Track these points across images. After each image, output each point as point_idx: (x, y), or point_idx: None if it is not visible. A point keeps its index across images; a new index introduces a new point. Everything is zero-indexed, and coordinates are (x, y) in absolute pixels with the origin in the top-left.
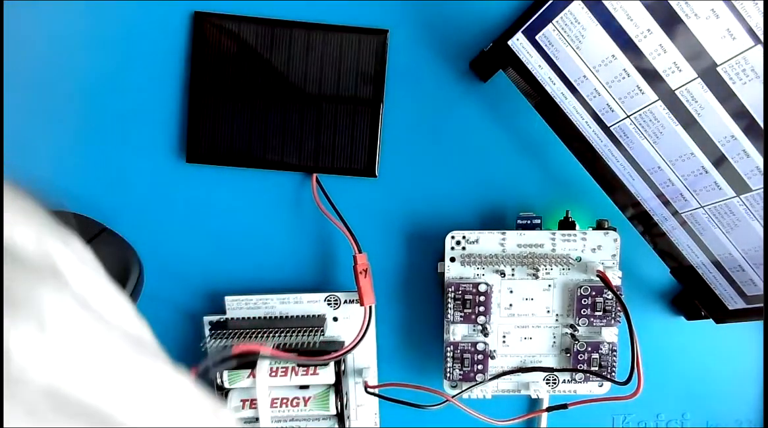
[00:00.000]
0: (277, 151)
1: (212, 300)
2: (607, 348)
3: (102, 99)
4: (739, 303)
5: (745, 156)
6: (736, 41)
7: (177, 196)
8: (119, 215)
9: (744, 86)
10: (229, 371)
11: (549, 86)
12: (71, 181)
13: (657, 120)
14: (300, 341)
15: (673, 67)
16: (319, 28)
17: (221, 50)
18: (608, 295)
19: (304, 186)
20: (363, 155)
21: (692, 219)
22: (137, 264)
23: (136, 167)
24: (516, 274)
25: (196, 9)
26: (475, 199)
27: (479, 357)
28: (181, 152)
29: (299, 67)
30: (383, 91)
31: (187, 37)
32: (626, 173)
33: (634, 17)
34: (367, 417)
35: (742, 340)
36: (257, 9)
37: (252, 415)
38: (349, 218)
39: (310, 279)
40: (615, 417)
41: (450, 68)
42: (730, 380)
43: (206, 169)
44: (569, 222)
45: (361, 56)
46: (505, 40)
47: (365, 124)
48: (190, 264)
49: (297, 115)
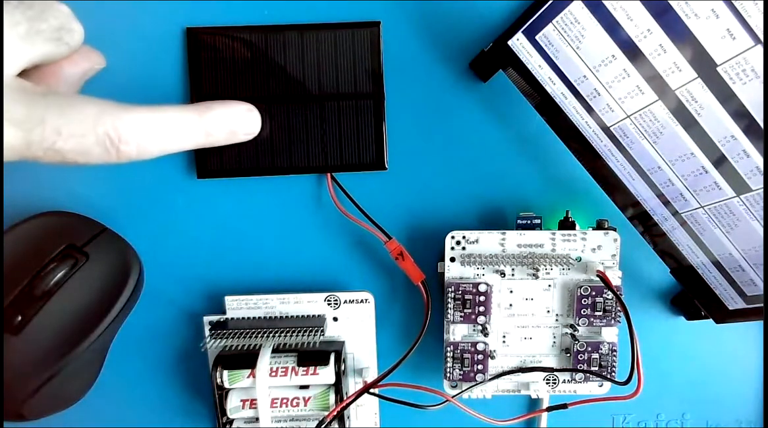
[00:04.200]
0: (285, 155)
1: (212, 300)
2: (607, 348)
3: None
4: (739, 303)
5: (745, 156)
6: (736, 41)
7: (178, 198)
8: (119, 215)
9: (744, 86)
10: (229, 371)
11: (549, 86)
12: (71, 181)
13: (657, 120)
14: (300, 341)
15: (673, 67)
16: (311, 28)
17: (217, 63)
18: (608, 295)
19: (305, 187)
20: (371, 148)
21: (692, 220)
22: (137, 264)
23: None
24: (516, 274)
25: (188, 25)
26: (475, 199)
27: (479, 357)
28: (190, 166)
29: (297, 69)
30: (383, 82)
31: (182, 53)
32: (626, 173)
33: (634, 17)
34: (367, 417)
35: (742, 340)
36: (248, 17)
37: (252, 415)
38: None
39: (310, 279)
40: (615, 417)
41: (450, 68)
42: (730, 380)
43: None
44: (569, 222)
45: (357, 50)
46: (505, 40)
47: (369, 117)
48: (190, 264)
49: (300, 117)
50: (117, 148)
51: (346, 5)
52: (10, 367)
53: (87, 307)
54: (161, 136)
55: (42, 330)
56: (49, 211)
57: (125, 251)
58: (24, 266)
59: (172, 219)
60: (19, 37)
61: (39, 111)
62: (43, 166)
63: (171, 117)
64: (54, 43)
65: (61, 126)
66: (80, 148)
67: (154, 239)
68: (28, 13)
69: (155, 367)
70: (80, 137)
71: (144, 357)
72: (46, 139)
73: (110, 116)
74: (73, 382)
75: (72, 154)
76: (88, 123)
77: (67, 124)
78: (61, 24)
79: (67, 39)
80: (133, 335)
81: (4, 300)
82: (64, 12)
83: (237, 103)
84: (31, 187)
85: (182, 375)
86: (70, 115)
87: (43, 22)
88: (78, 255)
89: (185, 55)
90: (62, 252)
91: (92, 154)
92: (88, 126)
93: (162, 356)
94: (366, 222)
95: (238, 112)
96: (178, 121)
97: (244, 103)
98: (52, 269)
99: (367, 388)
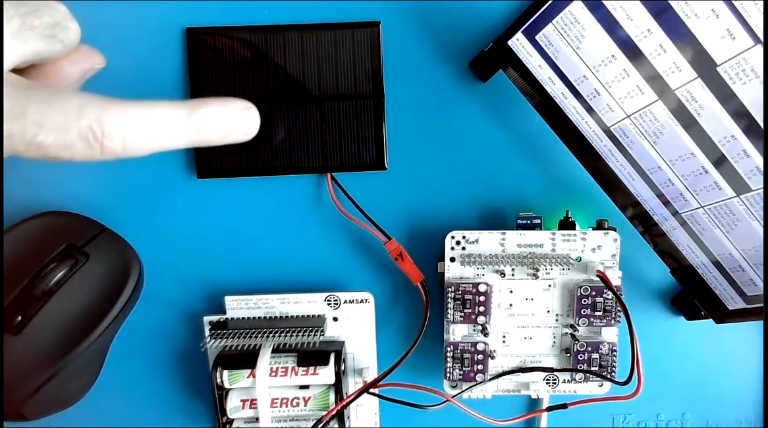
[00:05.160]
0: (285, 155)
1: (212, 300)
2: (607, 348)
3: None
4: (739, 303)
5: (745, 156)
6: (736, 41)
7: (178, 198)
8: (119, 215)
9: (744, 86)
10: (229, 371)
11: (549, 86)
12: (71, 181)
13: (657, 120)
14: (300, 341)
15: (673, 67)
16: (311, 28)
17: (217, 63)
18: (608, 295)
19: (305, 187)
20: (371, 149)
21: (692, 219)
22: (137, 264)
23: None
24: (516, 274)
25: (188, 25)
26: (475, 199)
27: (479, 357)
28: (190, 166)
29: (297, 69)
30: (383, 82)
31: (182, 53)
32: (626, 173)
33: (634, 17)
34: (367, 417)
35: (742, 340)
36: (248, 17)
37: (252, 415)
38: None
39: (310, 279)
40: (615, 417)
41: (450, 68)
42: (730, 380)
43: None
44: (569, 222)
45: (357, 51)
46: (505, 40)
47: (369, 117)
48: (190, 264)
49: (300, 117)
50: (101, 143)
51: (346, 5)
52: (10, 367)
53: (87, 307)
54: (148, 132)
55: (42, 330)
56: (49, 210)
57: (125, 251)
58: (24, 266)
59: (172, 219)
60: (11, 33)
61: (21, 103)
62: (43, 166)
63: (159, 112)
64: (47, 40)
65: (42, 119)
66: (62, 142)
67: (154, 239)
68: (21, 10)
69: (155, 367)
70: (62, 131)
71: (144, 357)
72: (27, 132)
73: (94, 109)
74: (73, 382)
75: (54, 148)
76: (71, 116)
77: (49, 117)
78: (56, 21)
79: (62, 36)
80: (133, 335)
81: (4, 300)
82: (59, 10)
83: (232, 99)
84: (31, 187)
85: (182, 375)
86: (52, 107)
87: (36, 18)
88: (78, 255)
89: (185, 55)
90: (62, 252)
91: (75, 149)
92: (70, 119)
93: (162, 356)
94: (366, 222)
95: (233, 109)
96: (166, 117)
97: (240, 100)
98: (52, 269)
99: (367, 388)
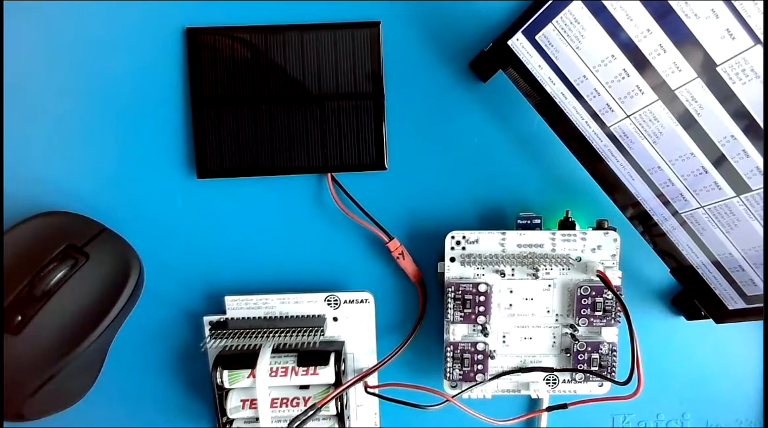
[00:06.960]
0: (285, 155)
1: (212, 300)
2: (607, 348)
3: (103, 108)
4: (739, 303)
5: (745, 156)
6: (736, 41)
7: (177, 199)
8: (119, 215)
9: (744, 86)
10: (229, 371)
11: (549, 86)
12: (71, 181)
13: (657, 120)
14: (300, 341)
15: (673, 67)
16: (311, 28)
17: (217, 63)
18: (608, 295)
19: (305, 187)
20: (371, 149)
21: (692, 219)
22: (137, 264)
23: (138, 172)
24: (516, 274)
25: (188, 25)
26: (475, 199)
27: (479, 357)
28: (189, 166)
29: (297, 69)
30: (383, 82)
31: (182, 53)
32: (626, 173)
33: (634, 17)
34: (367, 417)
35: (742, 340)
36: (248, 17)
37: (252, 415)
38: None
39: (310, 279)
40: (615, 417)
41: (450, 68)
42: (730, 380)
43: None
44: (569, 222)
45: (357, 50)
46: (505, 40)
47: (369, 117)
48: (190, 264)
49: (300, 117)
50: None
51: (346, 5)
52: (10, 367)
53: (87, 307)
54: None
55: (42, 330)
56: (49, 210)
57: (125, 251)
58: (24, 266)
59: (172, 219)
60: None
61: None
62: (43, 166)
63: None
64: None
65: None
66: None
67: (154, 239)
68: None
69: (155, 367)
70: None
71: (144, 357)
72: None
73: None
74: (73, 382)
75: None
76: None
77: None
78: None
79: None
80: (133, 335)
81: (4, 300)
82: None
83: None
84: (31, 187)
85: (182, 375)
86: None
87: None
88: (78, 256)
89: (185, 55)
90: (62, 252)
91: None
92: None
93: (162, 356)
94: (367, 221)
95: None
96: None
97: None
98: (52, 269)
99: (363, 377)
